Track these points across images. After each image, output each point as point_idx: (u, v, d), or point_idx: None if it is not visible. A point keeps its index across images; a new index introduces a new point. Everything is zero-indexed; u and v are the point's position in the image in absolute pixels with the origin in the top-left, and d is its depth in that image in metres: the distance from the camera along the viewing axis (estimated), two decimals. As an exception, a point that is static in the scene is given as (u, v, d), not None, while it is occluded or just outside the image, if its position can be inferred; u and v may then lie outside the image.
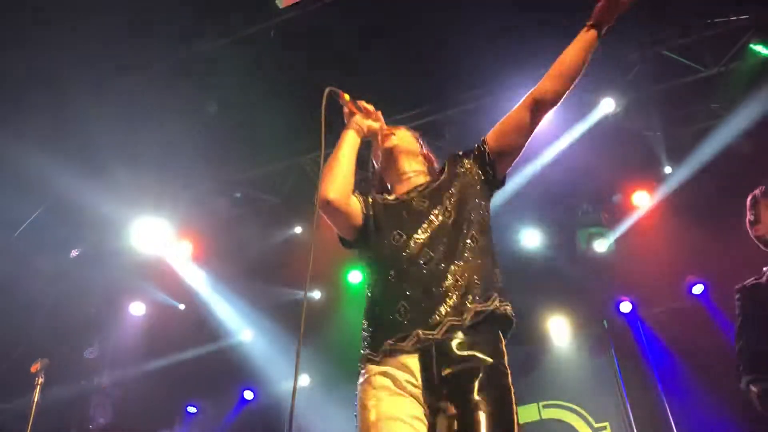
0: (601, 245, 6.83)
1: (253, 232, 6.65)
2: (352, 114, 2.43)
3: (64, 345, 6.66)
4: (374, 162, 2.62)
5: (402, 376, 2.07)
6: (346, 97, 2.42)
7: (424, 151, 2.58)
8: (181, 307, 7.33)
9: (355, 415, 2.19)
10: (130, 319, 7.25)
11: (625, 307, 7.39)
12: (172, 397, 8.32)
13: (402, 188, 2.44)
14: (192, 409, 8.76)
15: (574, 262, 6.87)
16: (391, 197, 2.42)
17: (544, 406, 7.53)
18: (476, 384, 2.00)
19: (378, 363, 2.14)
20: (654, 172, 6.32)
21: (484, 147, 2.36)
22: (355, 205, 2.36)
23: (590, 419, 7.32)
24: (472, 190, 2.30)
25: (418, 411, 2.02)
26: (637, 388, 7.16)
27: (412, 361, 2.07)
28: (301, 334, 2.17)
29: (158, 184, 6.01)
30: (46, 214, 6.17)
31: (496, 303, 2.17)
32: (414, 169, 2.48)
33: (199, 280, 6.94)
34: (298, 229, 6.77)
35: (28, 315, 6.41)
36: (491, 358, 2.09)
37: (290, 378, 7.42)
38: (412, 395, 2.05)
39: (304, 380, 8.34)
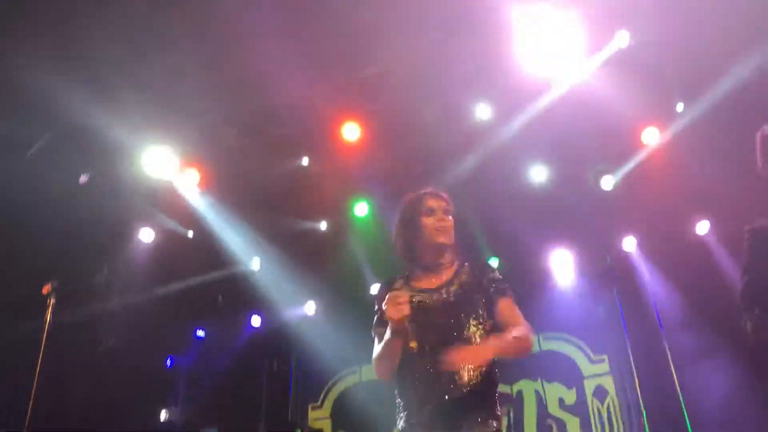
0: (608, 182, 6.81)
1: (260, 163, 6.64)
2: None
3: (74, 269, 6.77)
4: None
5: None
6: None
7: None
8: (190, 234, 7.40)
9: None
10: (140, 245, 7.34)
11: (629, 243, 7.43)
12: (180, 322, 8.52)
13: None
14: (200, 333, 8.98)
15: (580, 199, 6.86)
16: None
17: (544, 338, 7.68)
18: None
19: None
20: (665, 109, 6.23)
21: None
22: None
23: (589, 352, 7.48)
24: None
25: None
26: (637, 324, 7.26)
27: None
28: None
29: (166, 111, 5.97)
30: (54, 139, 6.16)
31: None
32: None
33: (206, 208, 6.99)
34: (305, 161, 6.76)
35: (38, 238, 6.48)
36: None
37: (297, 305, 7.60)
38: None
39: (310, 308, 8.51)
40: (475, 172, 6.71)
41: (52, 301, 2.78)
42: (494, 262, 7.49)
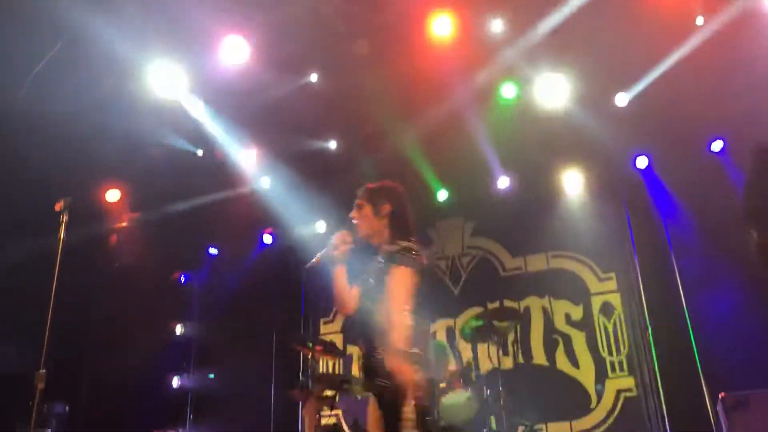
0: (623, 99, 6.68)
1: (269, 79, 6.54)
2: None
3: (87, 186, 6.81)
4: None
5: None
6: None
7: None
8: (199, 152, 7.39)
9: None
10: (151, 163, 7.34)
11: (642, 161, 7.37)
12: (193, 240, 8.63)
13: None
14: (213, 251, 9.11)
15: (592, 115, 6.75)
16: None
17: (552, 256, 7.75)
18: None
19: None
20: (684, 23, 6.04)
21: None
22: None
23: (597, 269, 7.55)
24: None
25: None
26: (647, 243, 7.31)
27: None
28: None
29: (171, 27, 5.84)
30: (61, 54, 6.07)
31: None
32: None
33: (215, 126, 6.94)
34: (313, 77, 6.64)
35: (50, 155, 6.49)
36: None
37: (307, 223, 7.65)
38: None
39: (321, 226, 8.58)
40: (487, 89, 6.61)
41: (65, 218, 2.80)
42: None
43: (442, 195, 8.04)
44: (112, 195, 7.63)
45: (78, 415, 7.79)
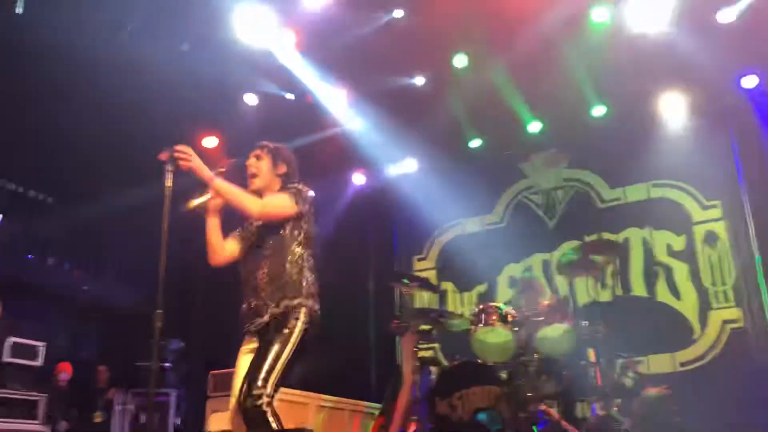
0: (729, 13, 6.23)
1: (353, 18, 6.51)
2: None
3: (185, 135, 7.07)
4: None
5: None
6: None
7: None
8: (290, 96, 7.51)
9: None
10: (245, 109, 7.54)
11: (750, 81, 6.92)
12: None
13: None
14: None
15: (693, 33, 6.33)
16: None
17: (653, 186, 7.48)
18: None
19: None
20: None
21: None
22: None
23: (700, 197, 7.24)
24: None
25: None
26: (754, 168, 6.92)
27: None
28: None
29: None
30: (151, 10, 6.26)
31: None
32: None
33: (304, 69, 7.01)
34: (398, 13, 6.55)
35: (148, 106, 6.77)
36: None
37: (397, 163, 7.74)
38: None
39: (411, 165, 8.61)
40: (575, 16, 6.33)
41: (171, 166, 2.93)
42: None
43: (535, 127, 7.85)
44: (209, 141, 7.90)
45: (192, 350, 8.35)
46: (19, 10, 5.83)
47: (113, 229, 8.66)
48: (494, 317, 5.05)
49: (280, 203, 3.19)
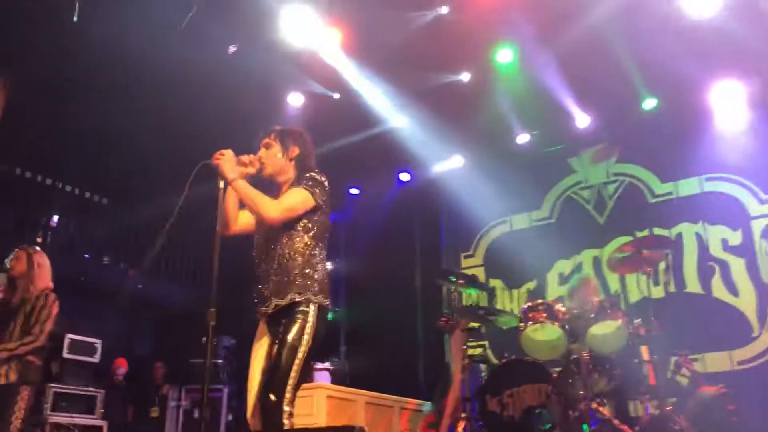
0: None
1: (397, 16, 6.51)
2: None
3: (233, 136, 7.17)
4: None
5: None
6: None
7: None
8: (336, 96, 7.55)
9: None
10: (290, 110, 7.63)
11: (809, 70, 6.66)
12: (335, 180, 8.91)
13: None
14: (354, 191, 9.40)
15: (750, 19, 6.11)
16: None
17: (707, 179, 7.28)
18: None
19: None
20: None
21: None
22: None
23: (758, 191, 7.01)
24: None
25: None
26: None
27: None
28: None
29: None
30: (199, 13, 6.38)
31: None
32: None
33: (350, 68, 7.05)
34: (443, 9, 6.52)
35: (195, 110, 6.91)
36: None
37: (443, 159, 7.70)
38: None
39: (458, 161, 8.58)
40: (624, 4, 6.19)
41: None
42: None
43: (584, 121, 7.73)
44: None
45: (243, 347, 8.48)
46: (74, 18, 6.02)
47: (166, 229, 8.86)
48: (544, 314, 5.01)
49: (297, 203, 3.10)
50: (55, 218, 8.10)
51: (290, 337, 2.91)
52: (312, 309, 3.00)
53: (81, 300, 7.92)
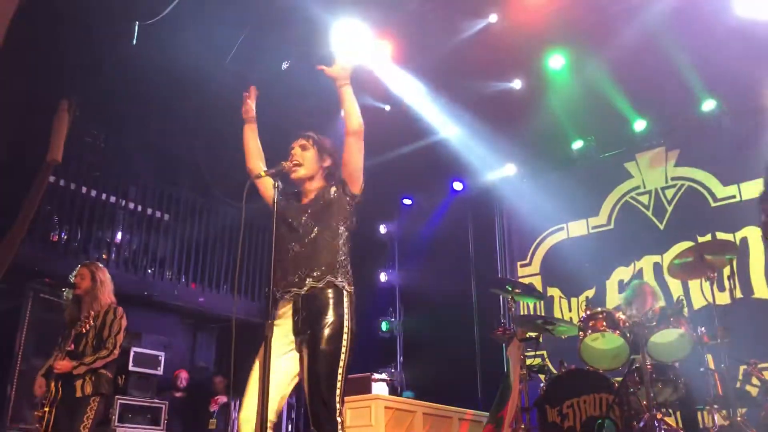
0: None
1: (446, 26, 6.53)
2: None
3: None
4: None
5: None
6: None
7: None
8: (387, 108, 7.61)
9: None
10: (342, 124, 7.70)
11: None
12: (388, 191, 8.97)
13: None
14: (407, 201, 9.44)
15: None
16: None
17: (773, 181, 7.01)
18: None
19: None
20: None
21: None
22: None
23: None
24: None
25: None
26: None
27: None
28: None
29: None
30: (253, 31, 6.54)
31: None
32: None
33: (400, 79, 7.10)
34: (492, 17, 6.51)
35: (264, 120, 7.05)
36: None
37: (496, 169, 7.61)
38: None
39: (510, 170, 8.51)
40: (679, 4, 6.06)
41: (278, 183, 3.05)
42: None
43: (640, 125, 7.57)
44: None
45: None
46: (133, 41, 6.25)
47: (224, 245, 9.08)
48: (604, 323, 4.91)
49: (361, 157, 3.32)
50: (119, 235, 8.37)
51: (326, 335, 2.83)
52: (346, 297, 2.93)
53: (145, 313, 8.16)
